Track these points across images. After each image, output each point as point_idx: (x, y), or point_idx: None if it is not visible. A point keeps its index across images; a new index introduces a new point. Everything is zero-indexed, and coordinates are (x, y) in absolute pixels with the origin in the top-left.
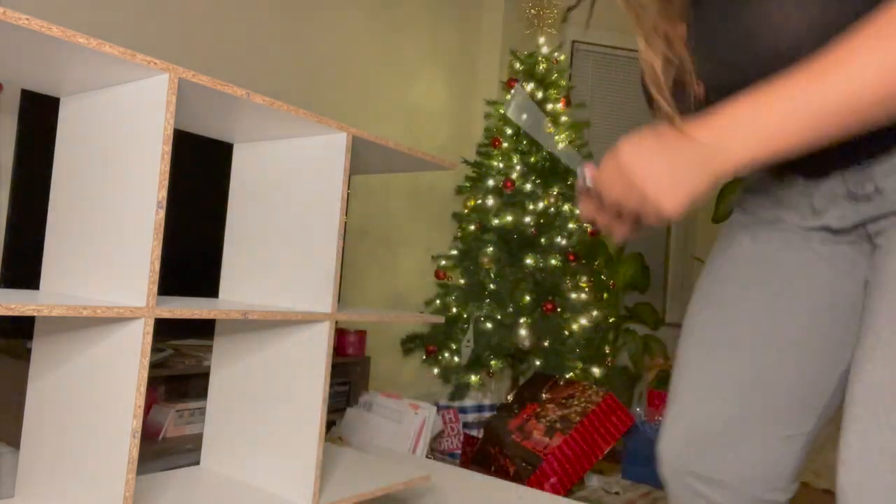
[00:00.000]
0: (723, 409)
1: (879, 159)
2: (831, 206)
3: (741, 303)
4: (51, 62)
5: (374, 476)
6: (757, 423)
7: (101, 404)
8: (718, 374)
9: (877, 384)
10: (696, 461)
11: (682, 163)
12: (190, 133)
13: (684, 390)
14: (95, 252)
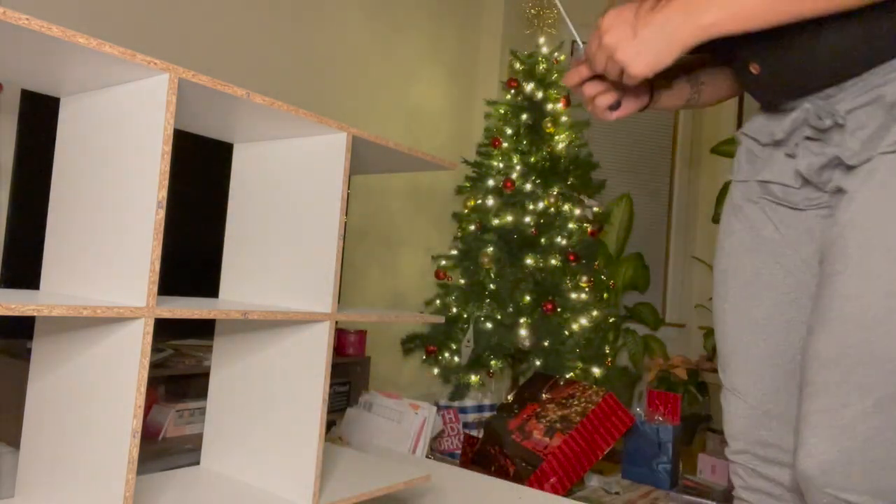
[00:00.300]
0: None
1: (843, 88)
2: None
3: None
4: (51, 62)
5: (374, 476)
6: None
7: (101, 404)
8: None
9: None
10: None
11: (651, 31)
12: (190, 133)
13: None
14: (95, 252)
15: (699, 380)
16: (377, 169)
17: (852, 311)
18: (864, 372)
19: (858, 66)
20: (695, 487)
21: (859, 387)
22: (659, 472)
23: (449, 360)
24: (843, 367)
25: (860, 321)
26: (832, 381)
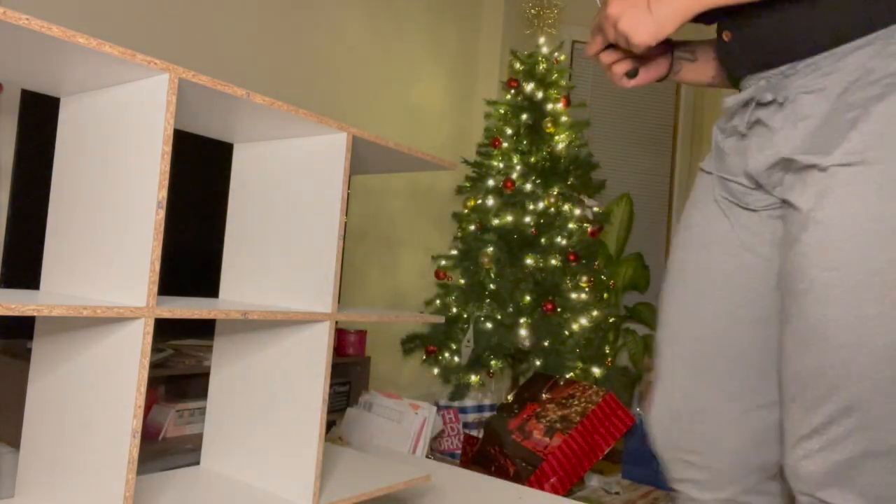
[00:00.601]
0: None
1: (797, 68)
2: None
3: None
4: (51, 62)
5: (374, 476)
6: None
7: (101, 404)
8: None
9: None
10: (688, 425)
11: (651, 1)
12: (190, 133)
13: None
14: (95, 252)
15: None
16: (377, 169)
17: (825, 332)
18: (845, 388)
19: (813, 47)
20: None
21: (841, 403)
22: (659, 472)
23: (449, 360)
24: (824, 385)
25: (833, 342)
26: (821, 398)
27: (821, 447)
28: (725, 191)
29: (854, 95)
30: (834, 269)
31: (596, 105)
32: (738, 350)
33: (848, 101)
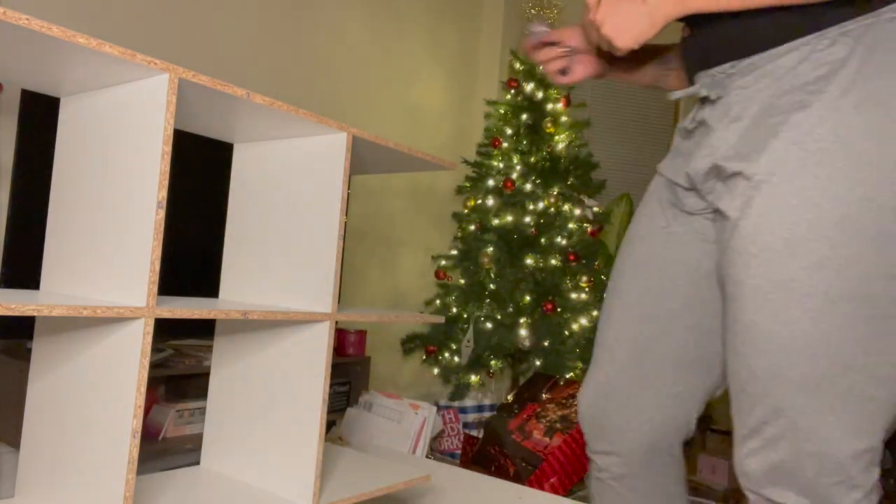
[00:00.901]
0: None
1: (738, 66)
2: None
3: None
4: (51, 62)
5: (374, 476)
6: (653, 379)
7: (101, 404)
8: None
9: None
10: (606, 404)
11: (635, 7)
12: (190, 133)
13: (595, 353)
14: (95, 252)
15: None
16: (377, 169)
17: (752, 337)
18: (773, 390)
19: (753, 46)
20: (695, 487)
21: (774, 403)
22: None
23: (449, 360)
24: (756, 387)
25: (760, 346)
26: (755, 398)
27: (760, 446)
28: (669, 192)
29: (781, 100)
30: (755, 277)
31: (596, 105)
32: (671, 341)
33: (775, 104)
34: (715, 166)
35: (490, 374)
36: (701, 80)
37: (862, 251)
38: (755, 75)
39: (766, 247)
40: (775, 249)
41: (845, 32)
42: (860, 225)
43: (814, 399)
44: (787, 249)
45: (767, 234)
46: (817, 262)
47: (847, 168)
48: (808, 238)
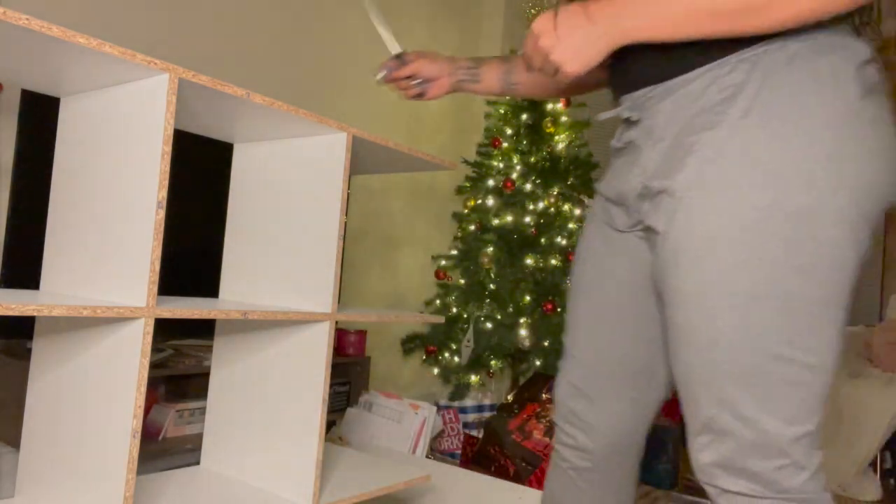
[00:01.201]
0: (586, 370)
1: (656, 90)
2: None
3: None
4: (51, 62)
5: (374, 476)
6: (610, 385)
7: (101, 404)
8: (578, 345)
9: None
10: (574, 405)
11: (582, 34)
12: (190, 133)
13: (564, 354)
14: (95, 252)
15: None
16: (377, 169)
17: (688, 338)
18: (713, 385)
19: (668, 72)
20: (695, 487)
21: (716, 397)
22: (659, 472)
23: (449, 360)
24: (698, 383)
25: (695, 345)
26: (699, 394)
27: (709, 440)
28: (604, 213)
29: (694, 120)
30: (686, 281)
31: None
32: (619, 351)
33: (690, 125)
34: (645, 186)
35: (490, 374)
36: (624, 102)
37: (775, 251)
38: (671, 99)
39: (692, 254)
40: (701, 255)
41: (743, 60)
42: (771, 228)
43: (750, 390)
44: (710, 254)
45: (692, 242)
46: (738, 264)
47: (755, 178)
48: (727, 243)
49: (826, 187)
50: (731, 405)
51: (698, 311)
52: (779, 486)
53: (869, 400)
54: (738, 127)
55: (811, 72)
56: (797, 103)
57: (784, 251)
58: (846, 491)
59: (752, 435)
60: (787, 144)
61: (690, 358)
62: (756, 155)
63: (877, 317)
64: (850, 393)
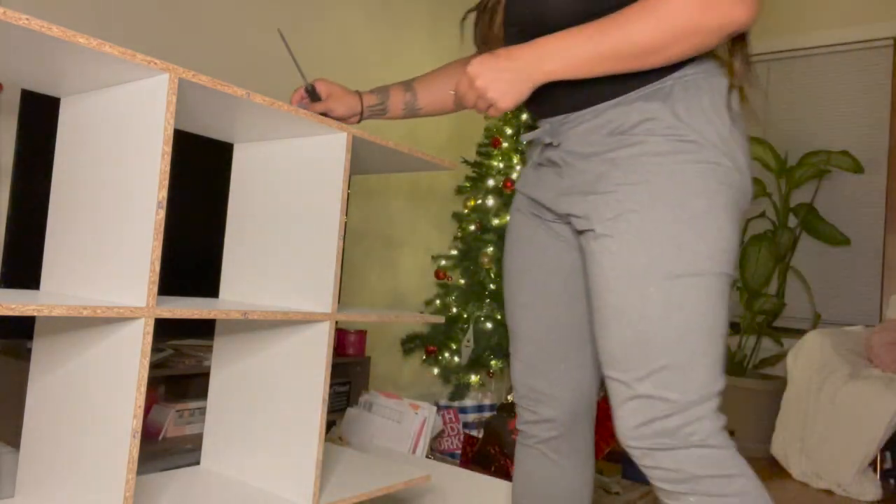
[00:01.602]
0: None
1: (569, 118)
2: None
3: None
4: (51, 62)
5: (374, 476)
6: (561, 357)
7: (101, 404)
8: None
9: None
10: (532, 381)
11: (512, 75)
12: (190, 133)
13: (512, 341)
14: (95, 252)
15: None
16: (377, 169)
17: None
18: (645, 354)
19: (581, 103)
20: None
21: (645, 365)
22: None
23: (449, 360)
24: (631, 355)
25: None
26: (627, 365)
27: (637, 406)
28: (530, 205)
29: (608, 143)
30: (617, 267)
31: None
32: (562, 324)
33: (604, 147)
34: (566, 199)
35: (490, 374)
36: (542, 126)
37: (690, 238)
38: (585, 126)
39: (622, 243)
40: (630, 244)
41: (655, 91)
42: (686, 219)
43: (673, 357)
44: (638, 242)
45: (621, 233)
46: (661, 249)
47: (666, 181)
48: (651, 232)
49: (718, 189)
50: (657, 371)
51: (630, 290)
52: (694, 438)
53: (869, 400)
54: (648, 144)
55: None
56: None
57: (696, 238)
58: (846, 491)
59: (675, 396)
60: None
61: (623, 331)
62: (665, 164)
63: (877, 317)
64: (850, 393)
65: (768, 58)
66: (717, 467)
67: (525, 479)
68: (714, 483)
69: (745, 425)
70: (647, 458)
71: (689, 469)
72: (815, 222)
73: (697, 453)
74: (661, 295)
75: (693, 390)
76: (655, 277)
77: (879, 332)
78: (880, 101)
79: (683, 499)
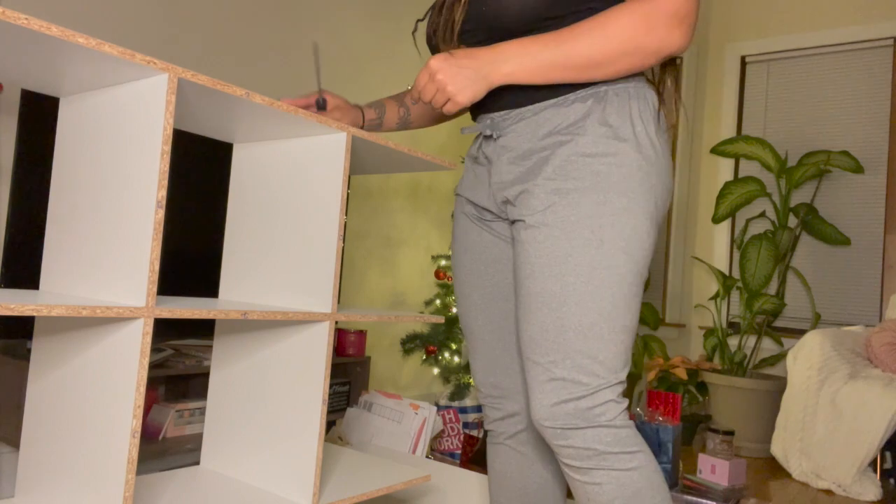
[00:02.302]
0: (492, 345)
1: (508, 115)
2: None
3: (471, 286)
4: (51, 62)
5: (374, 476)
6: (516, 351)
7: (101, 404)
8: (479, 324)
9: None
10: (493, 378)
11: (471, 72)
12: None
13: (469, 341)
14: (95, 252)
15: (699, 380)
16: (377, 169)
17: (544, 300)
18: (563, 338)
19: (521, 102)
20: (695, 487)
21: (562, 349)
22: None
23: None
24: (550, 339)
25: (552, 305)
26: (547, 348)
27: (553, 387)
28: (471, 207)
29: (542, 141)
30: (542, 255)
31: None
32: (511, 320)
33: (539, 144)
34: (504, 190)
35: None
36: (482, 121)
37: (610, 234)
38: (523, 122)
39: (548, 234)
40: (556, 235)
41: (590, 95)
42: (607, 215)
43: (587, 342)
44: (563, 234)
45: (548, 225)
46: (583, 242)
47: (592, 179)
48: (575, 225)
49: (639, 190)
50: (573, 354)
51: (552, 278)
52: (602, 419)
53: (869, 400)
54: (577, 143)
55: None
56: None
57: (616, 233)
58: (846, 491)
59: (587, 380)
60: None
61: (544, 316)
62: (591, 162)
63: (877, 317)
64: (850, 393)
65: (768, 58)
66: (621, 444)
67: (498, 477)
68: (618, 458)
69: (745, 425)
70: (559, 437)
71: (597, 446)
72: (815, 222)
73: (604, 432)
74: (580, 285)
75: (603, 375)
76: (575, 268)
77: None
78: (880, 101)
79: (590, 474)
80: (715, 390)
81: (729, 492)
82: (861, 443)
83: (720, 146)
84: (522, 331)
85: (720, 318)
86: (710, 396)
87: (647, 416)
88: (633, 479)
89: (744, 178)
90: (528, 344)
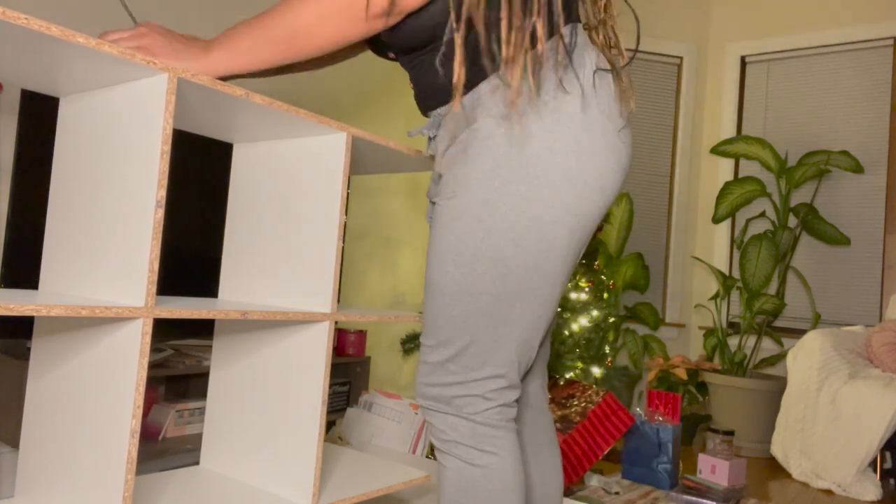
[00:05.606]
0: None
1: (439, 111)
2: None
3: None
4: (51, 62)
5: (374, 476)
6: None
7: (101, 404)
8: None
9: None
10: None
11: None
12: (190, 133)
13: None
14: (94, 252)
15: (699, 380)
16: (377, 169)
17: (429, 288)
18: (442, 325)
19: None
20: (695, 487)
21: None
22: (659, 472)
23: None
24: (430, 324)
25: (434, 293)
26: (429, 333)
27: (428, 370)
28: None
29: (459, 136)
30: (432, 245)
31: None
32: None
33: (456, 140)
34: (435, 185)
35: None
36: (427, 119)
37: (497, 225)
38: (447, 118)
39: (441, 224)
40: (445, 224)
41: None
42: (496, 206)
43: (462, 333)
44: (451, 223)
45: (442, 215)
46: (467, 233)
47: (489, 169)
48: (463, 215)
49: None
50: (448, 341)
51: (436, 268)
52: (465, 410)
53: (869, 400)
54: (479, 135)
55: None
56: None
57: (505, 226)
58: (846, 491)
59: (457, 369)
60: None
61: (428, 303)
62: (490, 150)
63: (877, 317)
64: (850, 393)
65: (768, 58)
66: (475, 440)
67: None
68: (468, 452)
69: (745, 425)
70: (426, 414)
71: (452, 434)
72: (815, 222)
73: (464, 423)
74: (460, 276)
75: (475, 369)
76: (457, 258)
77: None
78: (880, 101)
79: (443, 456)
80: (715, 390)
81: (729, 492)
82: (861, 443)
83: (720, 146)
84: None
85: (720, 318)
86: (710, 396)
87: (646, 416)
88: (474, 476)
89: (744, 178)
90: (423, 325)
